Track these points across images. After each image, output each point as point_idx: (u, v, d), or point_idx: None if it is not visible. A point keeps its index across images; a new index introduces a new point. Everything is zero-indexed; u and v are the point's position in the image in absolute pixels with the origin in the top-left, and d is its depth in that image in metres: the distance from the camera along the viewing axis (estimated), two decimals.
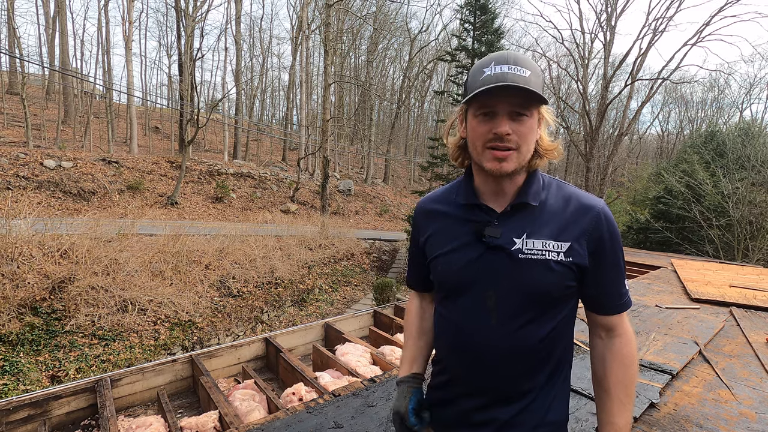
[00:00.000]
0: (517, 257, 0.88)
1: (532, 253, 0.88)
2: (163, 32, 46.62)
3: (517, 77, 0.82)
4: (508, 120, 0.84)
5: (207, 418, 2.78)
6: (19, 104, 20.05)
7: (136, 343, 7.09)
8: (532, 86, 0.82)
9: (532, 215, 0.91)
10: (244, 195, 18.21)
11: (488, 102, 0.85)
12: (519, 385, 0.93)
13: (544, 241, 0.88)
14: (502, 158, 0.86)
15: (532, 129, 0.87)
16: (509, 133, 0.84)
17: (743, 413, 2.14)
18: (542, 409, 0.94)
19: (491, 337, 0.91)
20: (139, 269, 8.25)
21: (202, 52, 20.88)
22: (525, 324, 0.90)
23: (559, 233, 0.89)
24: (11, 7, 17.78)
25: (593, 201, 0.93)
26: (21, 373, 5.80)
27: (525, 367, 0.92)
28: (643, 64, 17.56)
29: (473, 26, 13.96)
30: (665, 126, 42.54)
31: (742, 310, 4.13)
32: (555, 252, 0.88)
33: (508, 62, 0.84)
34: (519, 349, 0.91)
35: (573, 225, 0.90)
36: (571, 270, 0.89)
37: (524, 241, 0.89)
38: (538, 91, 0.82)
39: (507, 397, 0.93)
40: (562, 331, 0.95)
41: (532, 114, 0.86)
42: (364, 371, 3.49)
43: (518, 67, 0.84)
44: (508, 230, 0.90)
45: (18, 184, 12.04)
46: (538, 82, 0.84)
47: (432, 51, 33.71)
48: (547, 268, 0.87)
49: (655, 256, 8.54)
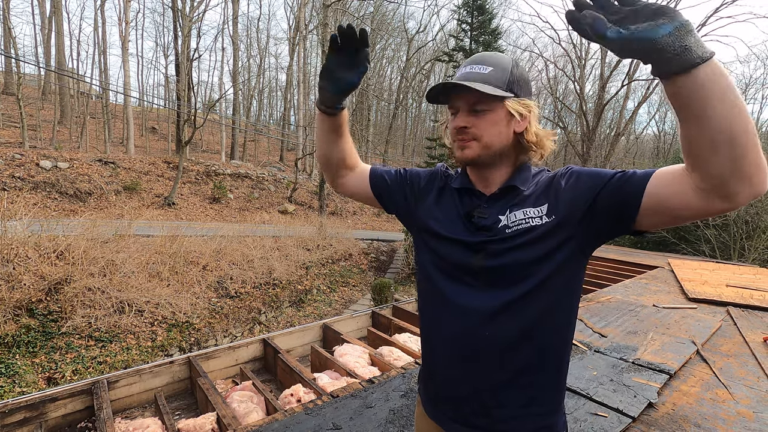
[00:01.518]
0: (504, 233, 0.90)
1: (516, 224, 0.89)
2: (160, 32, 46.44)
3: (474, 75, 0.90)
4: (469, 115, 0.91)
5: (205, 420, 2.77)
6: (14, 105, 19.94)
7: (133, 344, 7.06)
8: (489, 82, 0.88)
9: (518, 195, 0.93)
10: (242, 195, 18.16)
11: (452, 101, 0.94)
12: (514, 365, 0.92)
13: (526, 210, 0.90)
14: (464, 147, 0.93)
15: (493, 122, 0.91)
16: (465, 126, 0.91)
17: (741, 413, 2.15)
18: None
19: (487, 329, 0.91)
20: (136, 270, 8.22)
21: (199, 53, 20.84)
22: (517, 299, 0.88)
23: (537, 200, 0.90)
24: (7, 6, 17.69)
25: (560, 170, 0.94)
26: (17, 375, 5.76)
27: (515, 341, 0.90)
28: (639, 64, 17.63)
29: (470, 27, 13.98)
30: (662, 126, 42.71)
31: (739, 309, 4.15)
32: (537, 217, 0.88)
33: (474, 62, 0.93)
34: (513, 336, 0.91)
35: (548, 188, 0.91)
36: (559, 227, 0.86)
37: (508, 216, 0.91)
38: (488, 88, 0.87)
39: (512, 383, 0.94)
40: (555, 304, 0.89)
41: (493, 108, 0.90)
42: (363, 372, 3.48)
43: (481, 65, 0.91)
44: (495, 211, 0.93)
45: (14, 185, 11.98)
46: (501, 77, 0.89)
47: (429, 51, 33.73)
48: (533, 234, 0.87)
49: (652, 255, 8.57)
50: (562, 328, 0.92)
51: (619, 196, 0.80)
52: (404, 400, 2.25)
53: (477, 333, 0.91)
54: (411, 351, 4.00)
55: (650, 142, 45.53)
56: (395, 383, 2.44)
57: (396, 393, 2.33)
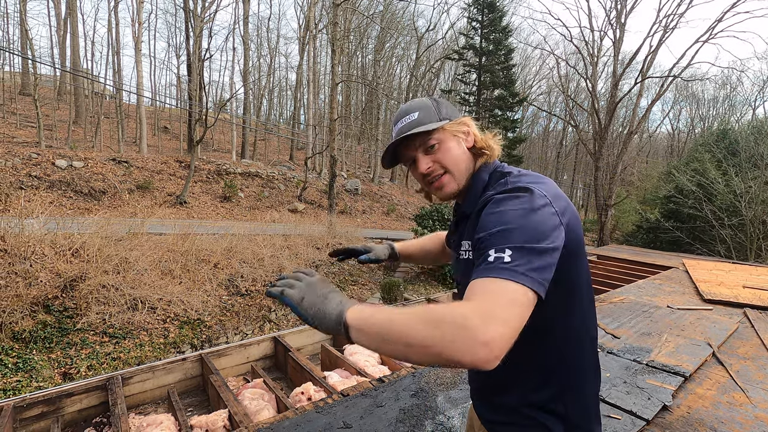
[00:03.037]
0: (458, 257, 0.99)
1: (461, 253, 0.97)
2: (172, 33, 46.98)
3: (407, 126, 0.96)
4: (426, 156, 0.97)
5: (217, 417, 2.80)
6: (31, 105, 20.34)
7: (146, 341, 7.16)
8: (423, 123, 0.94)
9: (467, 221, 0.97)
10: (252, 194, 18.30)
11: (404, 154, 1.01)
12: (480, 376, 1.03)
13: (465, 242, 0.96)
14: (440, 186, 0.98)
15: (448, 149, 0.96)
16: (429, 166, 0.96)
17: (759, 417, 2.11)
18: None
19: None
20: (148, 268, 8.33)
21: (211, 53, 21.00)
22: None
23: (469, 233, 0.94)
24: (24, 9, 18.04)
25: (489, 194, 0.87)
26: (34, 370, 5.88)
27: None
28: (653, 61, 17.36)
29: (481, 24, 13.89)
30: (676, 124, 42.04)
31: (756, 311, 4.06)
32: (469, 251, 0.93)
33: (400, 116, 0.99)
34: None
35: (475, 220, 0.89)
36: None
37: (462, 242, 0.97)
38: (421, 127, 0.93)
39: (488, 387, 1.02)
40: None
41: (441, 139, 0.96)
42: (373, 371, 3.49)
43: (407, 116, 0.97)
44: (458, 234, 1.02)
45: (30, 184, 12.22)
46: (428, 113, 0.96)
47: (439, 50, 33.62)
48: (468, 266, 0.89)
49: (666, 256, 8.43)
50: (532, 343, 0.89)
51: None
52: (414, 399, 2.25)
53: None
54: None
55: (664, 141, 44.82)
56: (405, 382, 2.44)
57: (406, 392, 2.32)
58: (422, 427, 1.99)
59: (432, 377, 2.51)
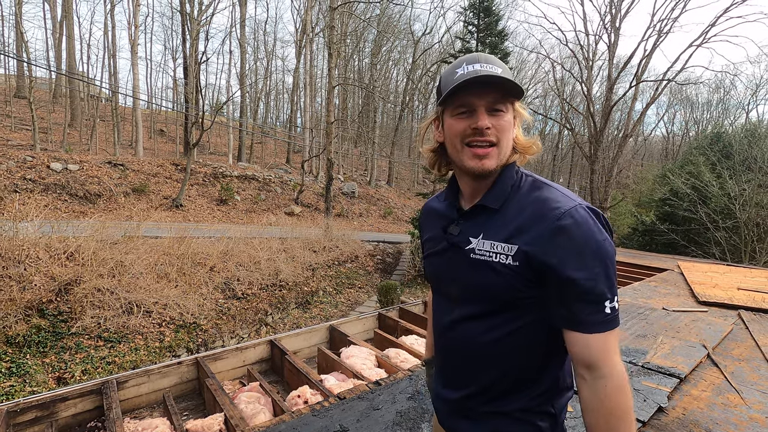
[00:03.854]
0: (469, 256, 0.90)
1: (482, 253, 0.88)
2: (169, 36, 47.00)
3: (490, 73, 0.83)
4: (487, 115, 0.85)
5: (212, 421, 2.78)
6: (26, 108, 20.25)
7: (142, 345, 7.12)
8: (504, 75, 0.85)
9: (492, 217, 0.90)
10: (249, 197, 18.26)
11: (466, 99, 0.86)
12: (479, 382, 0.93)
13: (494, 243, 0.86)
14: (483, 155, 0.86)
15: (509, 124, 0.87)
16: (489, 127, 0.85)
17: (753, 418, 2.12)
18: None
19: (453, 329, 0.96)
20: (144, 271, 8.29)
21: (207, 56, 21.02)
22: (476, 320, 0.91)
23: (511, 236, 0.85)
24: (19, 12, 17.98)
25: (560, 203, 0.82)
26: (28, 375, 5.83)
27: (480, 366, 0.92)
28: (647, 65, 17.50)
29: (477, 28, 13.97)
30: (670, 127, 42.35)
31: (750, 313, 4.09)
32: (503, 255, 0.85)
33: (480, 61, 0.86)
34: (472, 345, 0.92)
35: (528, 228, 0.83)
36: (521, 275, 0.83)
37: (479, 241, 0.89)
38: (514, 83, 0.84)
39: (478, 394, 0.95)
40: (526, 343, 0.88)
41: (508, 109, 0.87)
42: (369, 374, 3.48)
43: (490, 65, 0.85)
44: (466, 229, 0.93)
45: (25, 187, 12.15)
46: (508, 74, 0.86)
47: (435, 53, 33.72)
48: (491, 270, 0.86)
49: (661, 258, 8.48)
50: (537, 358, 0.92)
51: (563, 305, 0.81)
52: (411, 402, 2.25)
53: (450, 335, 1.00)
54: (418, 353, 3.99)
55: (659, 144, 45.11)
56: (402, 385, 2.44)
57: (403, 395, 2.32)
58: (419, 429, 1.99)
59: None
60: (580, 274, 0.77)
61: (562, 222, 0.79)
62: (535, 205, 0.85)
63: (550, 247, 0.80)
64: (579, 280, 0.77)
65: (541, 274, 0.82)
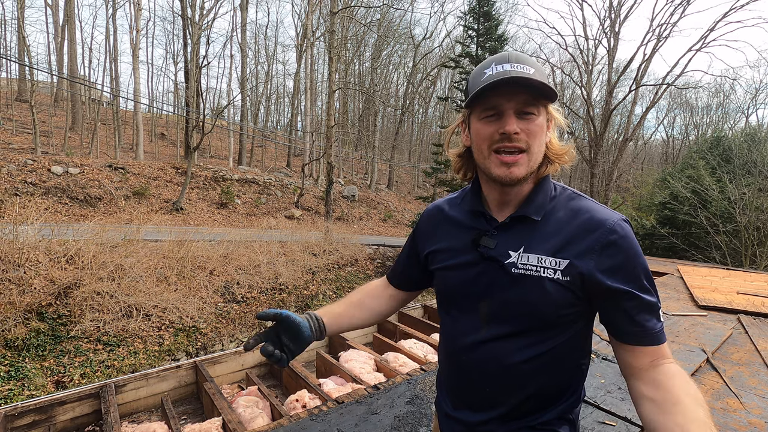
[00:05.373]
0: (510, 271, 0.83)
1: (527, 268, 0.82)
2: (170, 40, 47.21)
3: (520, 74, 0.77)
4: (516, 119, 0.79)
5: (210, 425, 2.77)
6: (27, 111, 20.31)
7: (141, 348, 7.10)
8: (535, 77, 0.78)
9: (533, 228, 0.84)
10: (249, 201, 18.28)
11: (493, 101, 0.80)
12: (508, 404, 0.88)
13: (540, 257, 0.81)
14: (511, 163, 0.80)
15: (541, 128, 0.81)
16: (518, 132, 0.79)
17: (753, 423, 2.11)
18: None
19: (477, 349, 0.88)
20: (144, 275, 8.28)
21: (208, 60, 21.11)
22: (510, 339, 0.85)
23: (558, 249, 0.81)
24: (21, 16, 18.07)
25: (605, 216, 0.81)
26: (26, 379, 5.82)
27: (510, 388, 0.87)
28: (647, 69, 17.55)
29: (477, 33, 14.04)
30: (670, 131, 42.40)
31: (750, 317, 4.08)
32: (552, 269, 0.80)
33: (510, 60, 0.80)
34: (503, 366, 0.86)
35: (577, 241, 0.80)
36: (570, 291, 0.80)
37: (520, 255, 0.83)
38: (546, 85, 0.78)
39: (510, 413, 0.91)
40: (567, 358, 0.88)
41: (540, 112, 0.81)
42: (368, 378, 3.47)
43: (521, 64, 0.79)
44: (504, 242, 0.85)
45: (26, 190, 12.17)
46: (543, 79, 0.78)
47: (436, 57, 33.85)
48: (540, 287, 0.81)
49: (661, 262, 8.46)
50: (564, 374, 0.92)
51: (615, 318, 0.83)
52: (409, 406, 2.24)
53: (473, 355, 0.97)
54: (416, 357, 3.98)
55: (659, 148, 45.17)
56: (401, 390, 2.43)
57: (401, 399, 2.32)
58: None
59: (427, 384, 2.51)
60: (635, 285, 0.79)
61: (614, 236, 0.79)
62: (581, 218, 0.82)
63: (605, 260, 0.79)
64: (636, 293, 0.79)
65: (591, 289, 0.81)
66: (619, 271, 0.78)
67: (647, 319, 0.79)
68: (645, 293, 0.79)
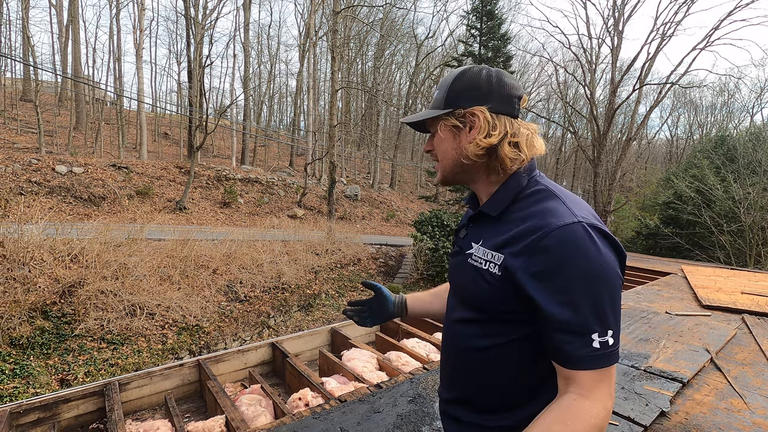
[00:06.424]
0: (467, 261, 0.90)
1: (476, 259, 0.87)
2: (173, 40, 47.37)
3: (407, 120, 0.98)
4: (430, 139, 0.99)
5: (214, 423, 2.78)
6: (32, 111, 20.43)
7: (144, 347, 7.14)
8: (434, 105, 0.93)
9: (490, 224, 0.89)
10: (252, 200, 18.32)
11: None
12: (465, 389, 0.94)
13: (487, 251, 0.85)
14: (437, 170, 0.98)
15: (440, 141, 0.94)
16: (429, 150, 0.98)
17: (757, 423, 2.10)
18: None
19: (453, 327, 0.98)
20: (147, 274, 8.32)
21: (211, 59, 21.15)
22: (466, 324, 0.92)
23: (502, 245, 0.81)
24: (26, 16, 18.16)
25: (554, 219, 0.76)
26: (31, 377, 5.86)
27: (468, 371, 0.93)
28: (651, 68, 17.46)
29: (480, 32, 14.01)
30: (674, 131, 42.22)
31: (754, 317, 4.06)
32: (492, 263, 0.82)
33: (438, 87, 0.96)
34: (464, 347, 0.93)
35: (518, 240, 0.79)
36: (504, 288, 0.80)
37: (477, 247, 0.89)
38: (420, 115, 0.95)
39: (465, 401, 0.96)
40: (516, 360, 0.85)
41: (437, 128, 0.94)
42: (371, 377, 3.47)
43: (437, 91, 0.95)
44: (470, 234, 0.95)
45: (30, 190, 12.24)
46: (441, 96, 0.92)
47: (438, 57, 33.84)
48: (483, 278, 0.84)
49: (664, 262, 8.43)
50: (525, 378, 0.89)
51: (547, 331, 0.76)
52: (412, 405, 2.25)
53: (448, 337, 1.04)
54: (419, 356, 3.98)
55: (662, 147, 45.02)
56: (403, 388, 2.44)
57: (404, 398, 2.32)
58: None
59: (429, 383, 2.51)
60: (556, 299, 0.72)
61: (549, 241, 0.73)
62: (534, 217, 0.79)
63: (531, 264, 0.75)
64: (553, 306, 0.73)
65: (520, 292, 0.77)
66: (544, 280, 0.73)
67: (566, 340, 0.73)
68: (567, 309, 0.71)
